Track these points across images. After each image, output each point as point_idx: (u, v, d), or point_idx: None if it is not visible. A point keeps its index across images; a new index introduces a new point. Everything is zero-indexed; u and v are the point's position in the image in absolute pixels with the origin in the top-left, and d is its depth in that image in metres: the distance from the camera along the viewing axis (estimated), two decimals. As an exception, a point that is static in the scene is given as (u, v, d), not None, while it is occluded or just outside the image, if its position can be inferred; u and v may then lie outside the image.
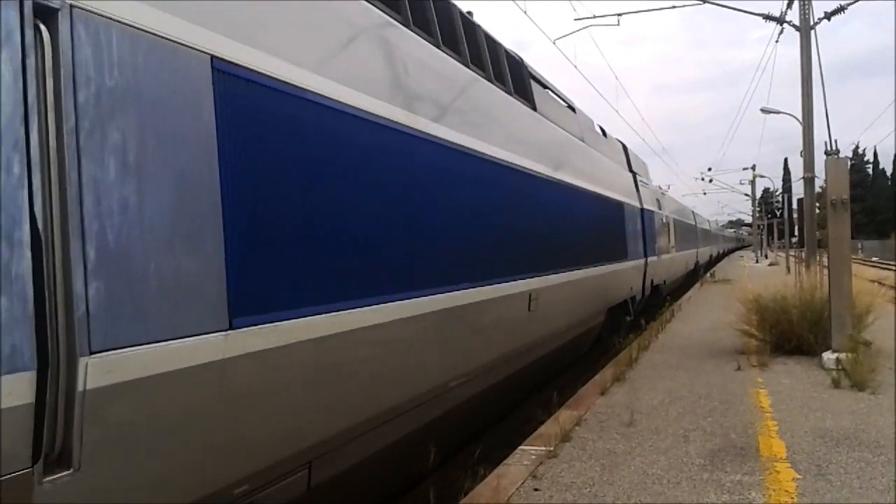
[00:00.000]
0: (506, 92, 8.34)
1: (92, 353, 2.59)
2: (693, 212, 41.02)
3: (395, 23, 5.59)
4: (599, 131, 14.84)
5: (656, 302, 19.44)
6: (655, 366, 10.07)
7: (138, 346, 2.79)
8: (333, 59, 4.44)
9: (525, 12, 12.37)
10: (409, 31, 5.84)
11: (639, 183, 17.92)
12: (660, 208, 21.49)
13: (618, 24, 16.20)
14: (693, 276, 33.35)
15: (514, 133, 8.22)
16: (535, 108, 9.44)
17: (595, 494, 5.03)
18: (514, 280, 7.48)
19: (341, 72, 4.45)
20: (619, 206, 14.33)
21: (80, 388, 2.53)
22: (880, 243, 67.14)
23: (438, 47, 6.49)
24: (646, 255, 17.18)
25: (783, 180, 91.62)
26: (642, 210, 17.45)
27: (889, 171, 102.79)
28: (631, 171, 17.43)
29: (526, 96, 9.22)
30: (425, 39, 6.20)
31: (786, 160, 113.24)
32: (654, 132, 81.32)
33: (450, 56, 6.74)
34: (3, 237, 2.33)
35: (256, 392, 3.50)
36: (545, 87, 10.73)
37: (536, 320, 8.44)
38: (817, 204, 15.60)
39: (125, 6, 2.82)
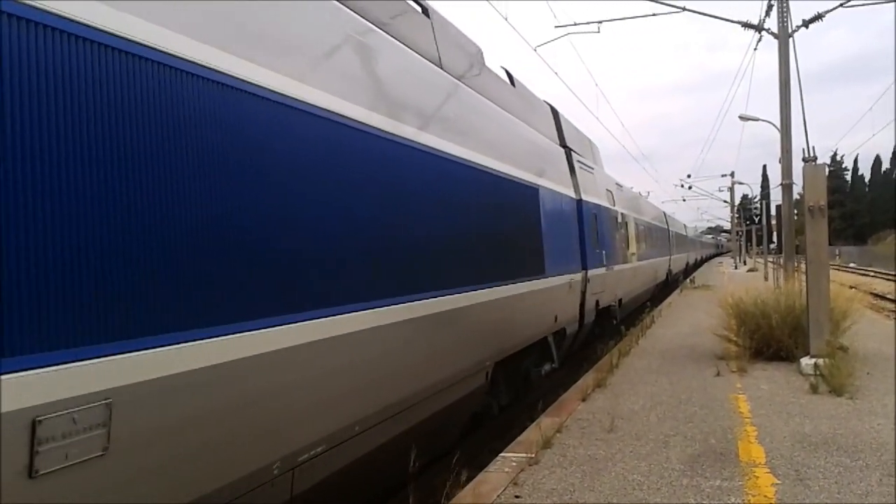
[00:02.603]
0: None
1: None
2: (665, 213, 36.35)
3: None
4: (504, 76, 10.05)
5: (608, 330, 14.97)
6: (636, 371, 10.10)
7: None
8: None
9: (506, 19, 12.40)
10: None
11: (576, 164, 12.76)
12: (613, 203, 16.60)
13: (598, 32, 16.28)
14: (664, 288, 29.28)
15: None
16: None
17: (576, 501, 5.03)
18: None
19: None
20: (529, 192, 9.19)
21: None
22: (857, 249, 68.12)
23: None
24: (585, 267, 12.14)
25: (762, 187, 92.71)
26: (580, 203, 12.53)
27: (867, 177, 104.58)
28: (563, 146, 12.39)
29: None
30: None
31: (764, 167, 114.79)
32: (635, 138, 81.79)
33: None
34: None
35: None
36: None
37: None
38: (795, 210, 15.75)
39: None
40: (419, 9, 7.06)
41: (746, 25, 15.54)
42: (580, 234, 12.21)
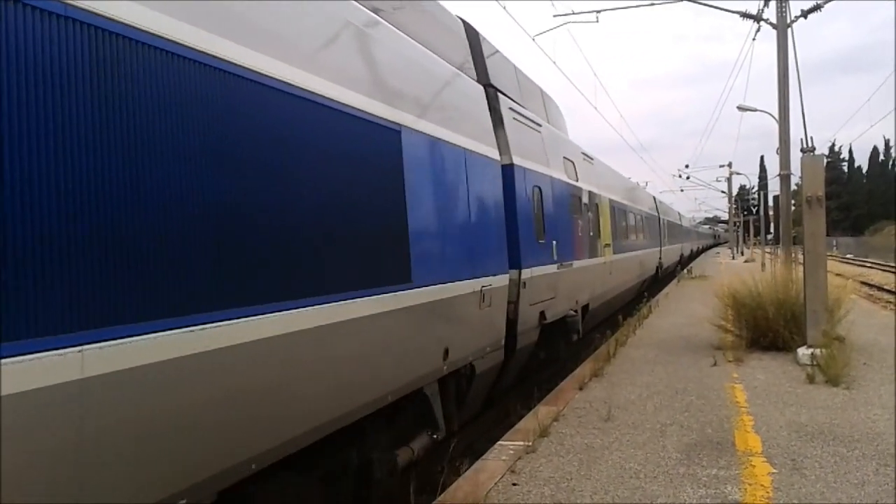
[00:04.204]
0: None
1: None
2: (655, 198, 31.24)
3: None
4: None
5: (565, 351, 11.44)
6: (633, 361, 10.11)
7: None
8: None
9: (505, 8, 12.34)
10: None
11: (504, 112, 8.70)
12: (576, 178, 12.43)
13: (597, 21, 16.23)
14: (654, 284, 25.68)
15: None
16: None
17: (573, 489, 5.04)
18: None
19: None
20: (375, 135, 5.12)
21: None
22: (854, 240, 68.30)
23: None
24: (518, 265, 8.37)
25: (759, 177, 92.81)
26: (511, 169, 8.51)
27: (865, 168, 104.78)
28: (485, 84, 8.41)
29: None
30: None
31: (762, 157, 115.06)
32: (634, 129, 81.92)
33: None
34: None
35: None
36: None
37: None
38: (793, 201, 15.76)
39: None
40: None
41: (745, 15, 15.51)
42: (509, 216, 8.27)
